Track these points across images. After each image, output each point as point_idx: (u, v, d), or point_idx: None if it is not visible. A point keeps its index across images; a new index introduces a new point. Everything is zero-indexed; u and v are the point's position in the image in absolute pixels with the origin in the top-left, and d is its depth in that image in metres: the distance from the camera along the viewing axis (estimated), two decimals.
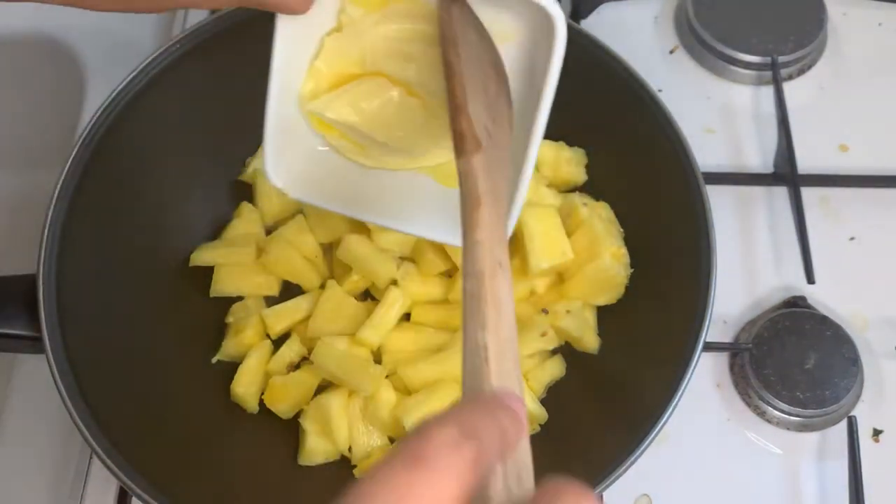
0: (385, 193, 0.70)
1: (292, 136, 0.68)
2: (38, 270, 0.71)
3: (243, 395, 0.78)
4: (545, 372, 0.78)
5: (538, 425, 0.77)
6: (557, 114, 0.86)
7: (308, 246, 0.83)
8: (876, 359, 0.83)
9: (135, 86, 0.78)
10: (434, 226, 0.69)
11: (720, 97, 0.97)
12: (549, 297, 0.80)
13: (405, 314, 0.80)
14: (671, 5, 1.03)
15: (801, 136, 0.90)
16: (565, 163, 0.84)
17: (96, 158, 0.75)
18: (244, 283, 0.82)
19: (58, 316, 0.70)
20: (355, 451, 0.76)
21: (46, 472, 0.80)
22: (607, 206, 0.82)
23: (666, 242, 0.77)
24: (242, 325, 0.80)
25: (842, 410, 0.80)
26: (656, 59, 0.99)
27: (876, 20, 1.01)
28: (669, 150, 0.76)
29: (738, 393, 0.82)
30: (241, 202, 0.86)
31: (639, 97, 0.79)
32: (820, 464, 0.79)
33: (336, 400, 0.75)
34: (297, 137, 0.68)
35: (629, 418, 0.69)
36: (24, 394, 0.83)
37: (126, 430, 0.69)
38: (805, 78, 0.98)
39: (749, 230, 0.89)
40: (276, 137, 0.66)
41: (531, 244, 0.76)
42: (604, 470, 0.66)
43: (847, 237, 0.89)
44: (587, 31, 0.81)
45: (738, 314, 0.85)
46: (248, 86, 0.84)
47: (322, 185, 0.70)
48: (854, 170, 0.92)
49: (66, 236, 0.73)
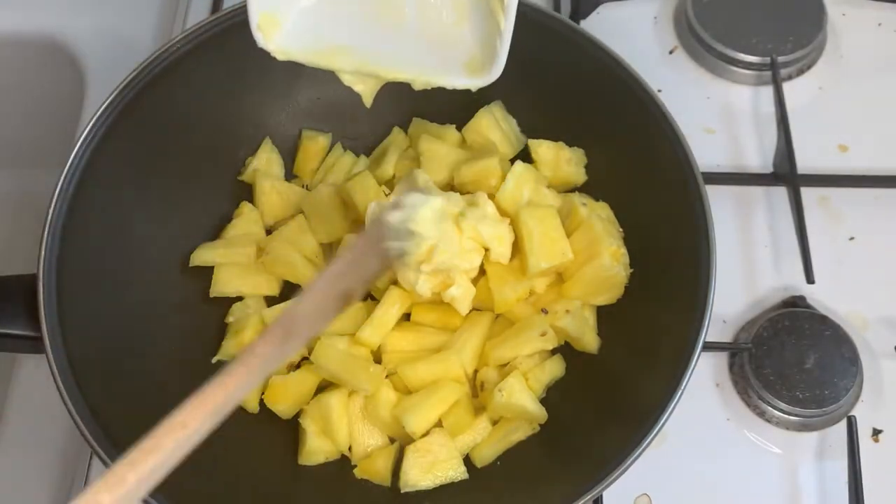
0: (380, 39, 0.65)
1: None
2: (38, 270, 0.71)
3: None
4: (545, 372, 0.78)
5: (538, 425, 0.77)
6: (557, 114, 0.86)
7: (308, 246, 0.83)
8: (875, 359, 0.83)
9: (135, 86, 0.78)
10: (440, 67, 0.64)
11: (720, 97, 0.97)
12: (548, 297, 0.80)
13: (405, 314, 0.80)
14: (671, 5, 1.03)
15: (801, 136, 0.90)
16: (565, 163, 0.84)
17: (96, 158, 0.75)
18: (244, 283, 0.82)
19: (58, 316, 0.70)
20: (355, 450, 0.77)
21: (46, 472, 0.80)
22: (607, 206, 0.82)
23: (666, 242, 0.77)
24: (242, 325, 0.80)
25: (841, 410, 0.80)
26: (656, 59, 0.99)
27: (875, 20, 1.01)
28: (669, 151, 0.76)
29: (738, 393, 0.82)
30: (241, 202, 0.86)
31: (638, 97, 0.79)
32: (819, 463, 0.79)
33: (336, 399, 0.75)
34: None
35: (629, 418, 0.69)
36: (24, 394, 0.84)
37: (126, 431, 0.69)
38: (804, 78, 0.98)
39: (749, 230, 0.89)
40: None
41: (531, 244, 0.77)
42: (603, 469, 0.66)
43: (847, 237, 0.89)
44: (587, 31, 0.82)
45: (738, 314, 0.85)
46: (247, 86, 0.85)
47: (311, 42, 0.64)
48: (853, 170, 0.92)
49: (66, 236, 0.73)
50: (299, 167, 0.89)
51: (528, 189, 0.80)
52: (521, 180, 0.80)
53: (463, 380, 0.77)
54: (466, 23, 0.61)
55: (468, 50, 0.61)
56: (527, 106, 0.87)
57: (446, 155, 0.84)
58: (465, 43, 0.61)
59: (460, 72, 0.61)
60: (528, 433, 0.77)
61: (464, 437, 0.76)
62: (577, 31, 0.82)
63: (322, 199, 0.84)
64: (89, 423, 0.68)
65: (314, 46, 0.64)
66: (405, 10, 0.63)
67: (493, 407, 0.76)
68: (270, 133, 0.88)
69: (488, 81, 0.60)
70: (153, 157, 0.81)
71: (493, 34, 0.58)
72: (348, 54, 0.63)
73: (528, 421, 0.76)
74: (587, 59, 0.80)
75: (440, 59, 0.62)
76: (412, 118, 0.89)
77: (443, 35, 0.62)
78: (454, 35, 0.62)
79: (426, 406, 0.75)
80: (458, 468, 0.75)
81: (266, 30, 0.62)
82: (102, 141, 0.76)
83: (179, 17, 1.02)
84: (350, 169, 0.88)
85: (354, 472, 0.76)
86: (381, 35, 0.63)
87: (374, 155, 0.89)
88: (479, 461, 0.76)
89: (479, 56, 0.60)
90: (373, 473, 0.75)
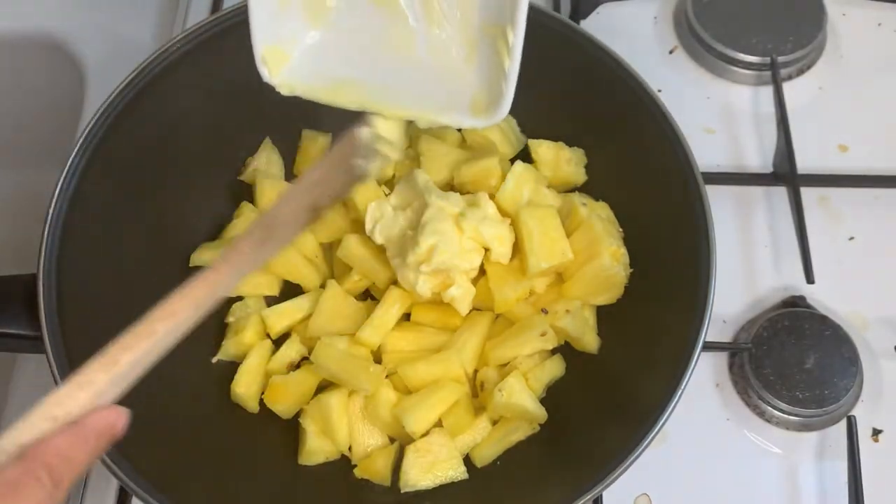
0: (385, 75, 0.65)
1: (281, 21, 0.63)
2: (38, 270, 0.71)
3: (243, 395, 0.78)
4: (545, 372, 0.78)
5: (538, 425, 0.77)
6: (557, 114, 0.86)
7: (308, 246, 0.83)
8: (875, 358, 0.83)
9: (135, 86, 0.78)
10: (443, 106, 0.63)
11: (720, 97, 0.97)
12: (548, 297, 0.80)
13: (405, 314, 0.80)
14: (671, 5, 1.03)
15: (801, 136, 0.90)
16: (565, 163, 0.84)
17: (96, 158, 0.75)
18: (244, 283, 0.82)
19: (58, 316, 0.70)
20: (355, 450, 0.77)
21: None
22: (607, 206, 0.82)
23: (666, 242, 0.77)
24: (242, 325, 0.80)
25: (841, 410, 0.80)
26: (656, 59, 0.99)
27: (875, 20, 1.01)
28: (669, 150, 0.76)
29: (738, 392, 0.82)
30: (241, 202, 0.86)
31: (638, 97, 0.79)
32: (819, 463, 0.79)
33: (336, 399, 0.75)
34: (285, 23, 0.63)
35: (629, 418, 0.69)
36: (25, 394, 0.84)
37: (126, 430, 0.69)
38: (804, 78, 0.98)
39: (748, 230, 0.89)
40: (264, 27, 0.62)
41: (531, 244, 0.77)
42: (603, 469, 0.66)
43: (846, 237, 0.89)
44: (587, 32, 0.81)
45: (738, 314, 0.85)
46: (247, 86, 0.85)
47: (316, 77, 0.64)
48: (853, 170, 0.92)
49: (66, 236, 0.73)
50: (299, 167, 0.89)
51: (528, 189, 0.80)
52: (521, 180, 0.80)
53: (463, 380, 0.77)
54: (474, 60, 0.61)
55: (473, 89, 0.61)
56: (527, 106, 0.86)
57: (446, 155, 0.84)
58: (470, 82, 0.61)
59: (465, 111, 0.60)
60: (528, 433, 0.77)
61: (464, 437, 0.76)
62: (577, 31, 0.82)
63: None
64: None
65: (319, 83, 0.64)
66: (414, 45, 0.63)
67: (493, 407, 0.76)
68: (270, 133, 0.88)
69: (493, 122, 0.59)
70: (153, 157, 0.81)
71: (499, 74, 0.58)
72: (353, 91, 0.63)
73: (528, 421, 0.76)
74: (587, 59, 0.80)
75: (445, 97, 0.61)
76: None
77: (450, 73, 0.62)
78: (460, 73, 0.61)
79: (426, 406, 0.75)
80: (458, 468, 0.75)
81: (271, 64, 0.62)
82: (102, 141, 0.76)
83: (179, 17, 1.02)
84: None
85: (354, 472, 0.76)
86: (387, 72, 0.63)
87: None
88: (479, 461, 0.76)
89: (484, 95, 0.60)
90: (373, 473, 0.75)
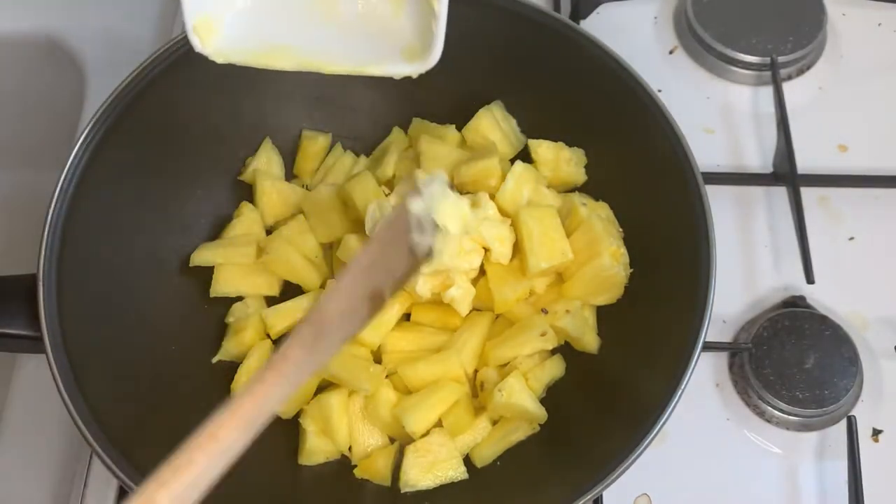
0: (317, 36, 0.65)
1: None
2: (38, 270, 0.71)
3: None
4: (545, 372, 0.78)
5: (538, 425, 0.77)
6: (557, 114, 0.86)
7: (308, 246, 0.83)
8: (875, 358, 0.83)
9: (135, 86, 0.78)
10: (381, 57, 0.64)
11: (719, 97, 0.97)
12: (548, 297, 0.80)
13: (405, 314, 0.80)
14: (671, 5, 1.03)
15: (801, 136, 0.90)
16: (565, 163, 0.84)
17: (96, 158, 0.75)
18: (244, 283, 0.82)
19: (58, 316, 0.70)
20: (355, 450, 0.77)
21: (46, 471, 0.80)
22: (607, 206, 0.82)
23: (666, 242, 0.77)
24: (242, 325, 0.80)
25: (841, 410, 0.80)
26: (656, 59, 0.99)
27: (875, 20, 1.01)
28: (669, 151, 0.76)
29: (738, 392, 0.82)
30: (241, 202, 0.86)
31: (638, 97, 0.79)
32: (819, 463, 0.79)
33: (336, 399, 0.75)
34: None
35: (629, 418, 0.69)
36: (24, 394, 0.84)
37: (126, 431, 0.69)
38: (804, 78, 0.98)
39: (748, 230, 0.89)
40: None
41: (531, 244, 0.77)
42: (603, 469, 0.66)
43: (846, 237, 0.89)
44: (587, 31, 0.82)
45: (738, 314, 0.85)
46: (247, 86, 0.85)
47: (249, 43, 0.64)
48: (853, 170, 0.92)
49: (66, 236, 0.73)
50: (299, 167, 0.89)
51: (528, 189, 0.80)
52: (521, 180, 0.80)
53: (463, 380, 0.77)
54: (403, 13, 0.62)
55: (406, 39, 0.61)
56: (527, 106, 0.87)
57: (446, 155, 0.84)
58: (402, 33, 0.62)
59: (398, 59, 0.61)
60: (527, 433, 0.77)
61: (464, 437, 0.76)
62: (577, 31, 0.82)
63: (322, 199, 0.84)
64: (89, 423, 0.67)
65: (252, 48, 0.64)
66: (339, 5, 0.63)
67: (493, 407, 0.76)
68: (270, 133, 0.88)
69: (427, 66, 0.60)
70: (153, 158, 0.81)
71: (429, 19, 0.59)
72: (287, 53, 0.63)
73: (528, 421, 0.76)
74: (587, 59, 0.80)
75: (379, 50, 0.62)
76: (412, 118, 0.89)
77: (380, 28, 0.62)
78: (391, 27, 0.62)
79: (426, 406, 0.75)
80: (458, 468, 0.75)
81: (203, 34, 0.62)
82: (102, 141, 0.76)
83: (179, 17, 1.02)
84: (350, 169, 0.88)
85: (354, 472, 0.76)
86: (318, 32, 0.64)
87: (374, 155, 0.89)
88: (479, 461, 0.76)
89: (417, 43, 0.61)
90: (373, 473, 0.75)
